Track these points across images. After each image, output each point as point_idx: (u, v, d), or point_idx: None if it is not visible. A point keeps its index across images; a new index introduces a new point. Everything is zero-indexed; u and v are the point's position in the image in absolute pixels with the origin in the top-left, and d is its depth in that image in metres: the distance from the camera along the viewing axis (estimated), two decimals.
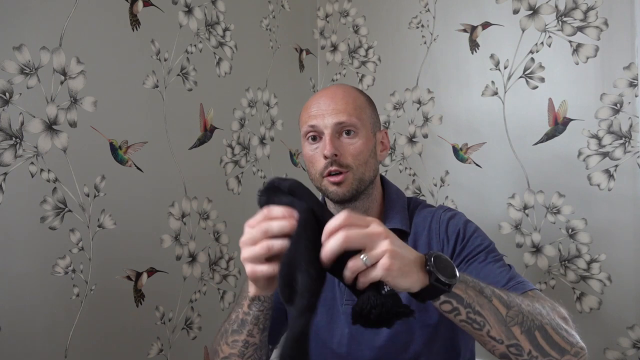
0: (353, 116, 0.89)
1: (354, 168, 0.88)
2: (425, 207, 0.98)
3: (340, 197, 0.89)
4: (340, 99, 0.90)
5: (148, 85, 1.25)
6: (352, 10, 1.79)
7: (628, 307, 1.32)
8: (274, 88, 1.67)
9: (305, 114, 0.92)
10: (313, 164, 0.90)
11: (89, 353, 1.09)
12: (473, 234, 0.90)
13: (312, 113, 0.90)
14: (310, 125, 0.90)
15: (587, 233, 1.37)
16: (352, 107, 0.89)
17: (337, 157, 0.87)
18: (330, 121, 0.88)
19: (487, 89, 1.51)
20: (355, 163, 0.88)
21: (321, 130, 0.89)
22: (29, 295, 1.00)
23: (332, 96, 0.90)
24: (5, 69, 0.97)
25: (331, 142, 0.87)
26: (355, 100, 0.91)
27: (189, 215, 1.35)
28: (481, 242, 0.89)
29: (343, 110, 0.88)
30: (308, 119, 0.90)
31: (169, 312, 1.28)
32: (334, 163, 0.87)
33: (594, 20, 1.35)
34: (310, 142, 0.91)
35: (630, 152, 1.32)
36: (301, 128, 0.93)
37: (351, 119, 0.88)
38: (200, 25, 1.40)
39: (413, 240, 0.92)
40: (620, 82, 1.33)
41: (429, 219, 0.93)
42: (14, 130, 0.98)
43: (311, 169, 0.91)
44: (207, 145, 1.41)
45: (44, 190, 1.03)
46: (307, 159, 0.92)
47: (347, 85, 0.96)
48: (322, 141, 0.89)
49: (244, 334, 0.77)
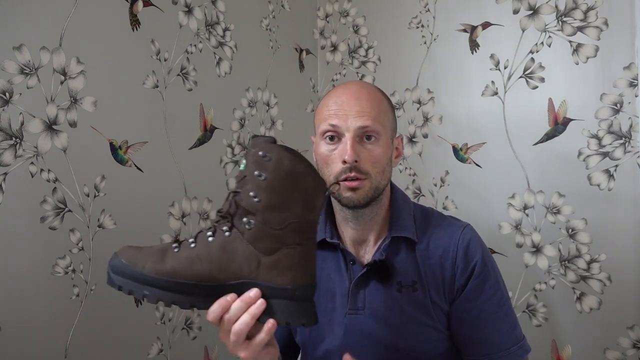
0: (377, 121, 0.84)
1: (372, 176, 0.84)
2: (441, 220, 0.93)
3: (354, 204, 0.84)
4: (366, 100, 0.84)
5: (148, 85, 1.25)
6: (352, 10, 1.79)
7: (628, 307, 1.33)
8: (274, 88, 1.67)
9: (325, 109, 0.86)
10: (328, 165, 0.85)
11: (89, 353, 1.09)
12: (490, 278, 0.88)
13: (333, 111, 0.84)
14: (331, 124, 0.84)
15: (587, 233, 1.37)
16: (377, 111, 0.84)
17: (357, 163, 0.83)
18: (354, 124, 0.83)
19: (487, 89, 1.51)
20: (374, 171, 0.84)
21: (342, 132, 0.83)
22: (29, 295, 1.00)
23: (356, 95, 0.85)
24: (5, 69, 0.97)
25: (353, 147, 0.82)
26: (380, 103, 0.86)
27: (189, 215, 1.35)
28: (495, 292, 0.88)
29: (368, 113, 0.83)
30: (328, 117, 0.85)
31: (169, 312, 1.28)
32: (353, 169, 0.82)
33: (594, 20, 1.35)
34: (327, 142, 0.86)
35: (630, 152, 1.32)
36: (318, 124, 0.88)
37: (375, 125, 0.83)
38: (200, 25, 1.40)
39: (423, 253, 0.89)
40: (620, 82, 1.33)
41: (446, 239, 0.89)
42: (14, 130, 0.98)
43: (325, 169, 0.86)
44: (207, 145, 1.41)
45: (44, 190, 1.03)
46: (322, 158, 0.87)
47: (370, 85, 0.90)
48: (342, 143, 0.84)
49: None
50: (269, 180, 0.66)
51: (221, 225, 0.67)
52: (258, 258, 0.66)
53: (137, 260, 0.66)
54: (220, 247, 0.66)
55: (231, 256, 0.66)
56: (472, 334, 0.88)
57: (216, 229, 0.67)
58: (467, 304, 0.87)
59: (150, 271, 0.65)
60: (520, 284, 1.46)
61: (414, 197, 1.66)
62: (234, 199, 0.67)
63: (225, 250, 0.66)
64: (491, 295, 0.87)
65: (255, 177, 0.66)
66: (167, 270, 0.65)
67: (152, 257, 0.66)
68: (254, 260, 0.66)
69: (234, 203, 0.67)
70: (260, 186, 0.66)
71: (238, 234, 0.66)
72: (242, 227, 0.66)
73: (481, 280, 0.87)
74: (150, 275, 0.65)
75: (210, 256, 0.65)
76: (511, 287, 1.47)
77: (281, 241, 0.66)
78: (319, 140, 0.88)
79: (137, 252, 0.67)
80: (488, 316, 0.87)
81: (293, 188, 0.66)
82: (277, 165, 0.66)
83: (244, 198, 0.66)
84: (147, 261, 0.66)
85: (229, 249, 0.66)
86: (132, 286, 0.65)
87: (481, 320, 0.87)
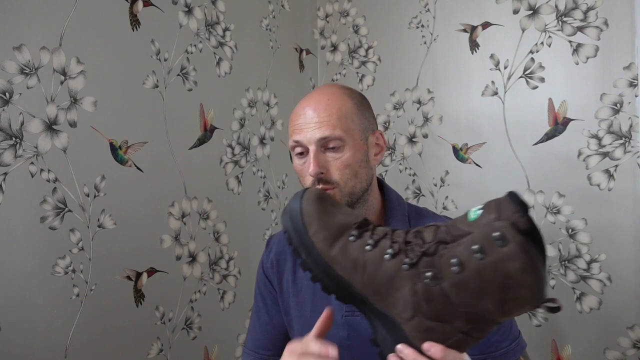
0: (337, 128, 0.83)
1: (342, 184, 0.84)
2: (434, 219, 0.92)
3: None
4: (323, 110, 0.84)
5: (148, 85, 1.25)
6: (352, 10, 1.79)
7: (628, 307, 1.33)
8: (274, 88, 1.67)
9: (291, 125, 0.88)
10: (302, 177, 0.87)
11: (89, 353, 1.09)
12: None
13: (297, 126, 0.85)
14: (295, 140, 0.85)
15: (587, 233, 1.37)
16: (336, 118, 0.84)
17: (323, 175, 0.83)
18: (314, 136, 0.82)
19: (487, 89, 1.51)
20: (343, 178, 0.84)
21: (305, 146, 0.84)
22: (29, 295, 1.00)
23: (314, 107, 0.84)
24: (5, 69, 0.97)
25: (315, 159, 0.82)
26: (340, 108, 0.85)
27: (189, 215, 1.35)
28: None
29: (326, 122, 0.83)
30: (293, 133, 0.86)
31: (169, 312, 1.28)
32: (320, 181, 0.83)
33: (594, 20, 1.35)
34: (297, 157, 0.87)
35: (630, 152, 1.32)
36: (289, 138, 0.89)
37: (335, 132, 0.83)
38: (200, 25, 1.40)
39: None
40: (620, 82, 1.33)
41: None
42: (14, 130, 0.98)
43: (301, 181, 0.89)
44: (207, 145, 1.41)
45: (44, 190, 1.03)
46: (297, 172, 0.89)
47: (333, 89, 0.89)
48: (308, 157, 0.84)
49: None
50: (483, 264, 0.54)
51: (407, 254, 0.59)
52: (416, 313, 0.58)
53: (313, 222, 0.62)
54: (390, 275, 0.59)
55: (394, 291, 0.59)
56: None
57: (399, 252, 0.59)
58: None
59: (318, 245, 0.61)
60: None
61: (414, 197, 1.66)
62: (437, 245, 0.58)
63: (392, 283, 0.59)
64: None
65: (471, 250, 0.55)
66: (331, 256, 0.61)
67: (327, 230, 0.62)
68: (410, 311, 0.58)
69: (434, 248, 0.58)
70: (470, 263, 0.55)
71: (414, 276, 0.58)
72: (421, 275, 0.57)
73: None
74: (316, 249, 0.61)
75: (375, 275, 0.59)
76: None
77: (450, 318, 0.57)
78: (292, 153, 0.89)
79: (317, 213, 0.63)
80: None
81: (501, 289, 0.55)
82: (502, 260, 0.54)
83: (445, 256, 0.57)
84: (320, 231, 0.62)
85: (397, 283, 0.59)
86: (294, 240, 0.63)
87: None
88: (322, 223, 0.62)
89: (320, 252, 0.61)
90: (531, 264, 0.54)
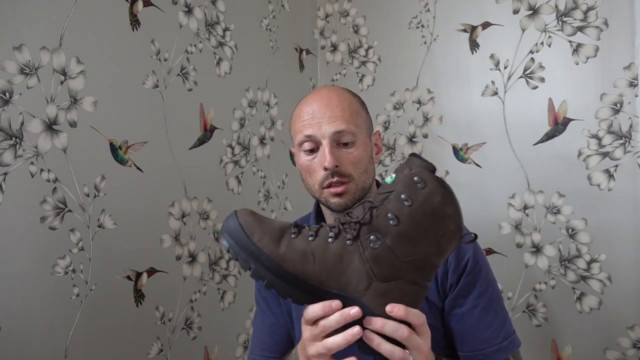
0: (351, 123, 0.84)
1: (356, 178, 0.85)
2: None
3: (342, 208, 0.85)
4: (336, 105, 0.85)
5: (148, 85, 1.25)
6: (352, 10, 1.79)
7: (628, 307, 1.33)
8: (274, 88, 1.67)
9: (298, 121, 0.87)
10: (311, 174, 0.86)
11: (89, 353, 1.09)
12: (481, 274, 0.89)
13: (307, 121, 0.85)
14: (307, 135, 0.85)
15: (587, 233, 1.37)
16: (349, 113, 0.85)
17: (338, 168, 0.83)
18: (329, 130, 0.83)
19: (487, 89, 1.51)
20: (357, 172, 0.85)
21: (318, 140, 0.84)
22: (29, 295, 1.00)
23: (326, 102, 0.85)
24: (5, 69, 0.97)
25: (331, 153, 0.82)
26: (351, 105, 0.87)
27: (189, 215, 1.35)
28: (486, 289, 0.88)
29: (340, 117, 0.84)
30: (302, 128, 0.85)
31: (169, 312, 1.28)
32: (335, 174, 0.83)
33: (594, 20, 1.35)
34: (306, 153, 0.86)
35: (630, 152, 1.32)
36: (294, 136, 0.88)
37: (350, 127, 0.84)
38: (200, 25, 1.40)
39: None
40: (620, 82, 1.33)
41: None
42: (14, 130, 0.98)
43: (308, 179, 0.87)
44: (207, 145, 1.41)
45: (44, 190, 1.03)
46: (304, 169, 0.88)
47: (338, 88, 0.91)
48: (320, 151, 0.84)
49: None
50: (413, 209, 0.62)
51: (346, 231, 0.64)
52: (370, 280, 0.63)
53: (255, 230, 0.64)
54: (337, 254, 0.63)
55: (345, 267, 0.63)
56: (464, 330, 0.88)
57: (340, 232, 0.64)
58: (459, 301, 0.88)
59: (265, 248, 0.63)
60: (520, 284, 1.46)
61: None
62: (370, 210, 0.64)
63: (341, 260, 0.63)
64: (482, 291, 0.88)
65: (400, 200, 0.63)
66: (279, 254, 0.63)
67: (270, 233, 0.64)
68: (365, 280, 0.63)
69: (369, 214, 0.64)
70: (402, 212, 0.63)
71: (359, 247, 0.63)
72: (366, 242, 0.63)
73: (473, 277, 0.87)
74: (264, 253, 0.63)
75: (324, 258, 0.63)
76: (511, 287, 1.47)
77: (399, 273, 0.63)
78: (298, 151, 0.88)
79: (256, 222, 0.65)
80: (480, 312, 0.87)
81: (433, 227, 0.63)
82: (427, 198, 0.63)
83: (381, 215, 0.63)
84: (264, 236, 0.64)
85: (346, 259, 0.63)
86: (240, 255, 0.63)
87: (473, 316, 0.87)
88: (263, 229, 0.65)
89: (268, 254, 0.63)
90: (449, 195, 0.64)
